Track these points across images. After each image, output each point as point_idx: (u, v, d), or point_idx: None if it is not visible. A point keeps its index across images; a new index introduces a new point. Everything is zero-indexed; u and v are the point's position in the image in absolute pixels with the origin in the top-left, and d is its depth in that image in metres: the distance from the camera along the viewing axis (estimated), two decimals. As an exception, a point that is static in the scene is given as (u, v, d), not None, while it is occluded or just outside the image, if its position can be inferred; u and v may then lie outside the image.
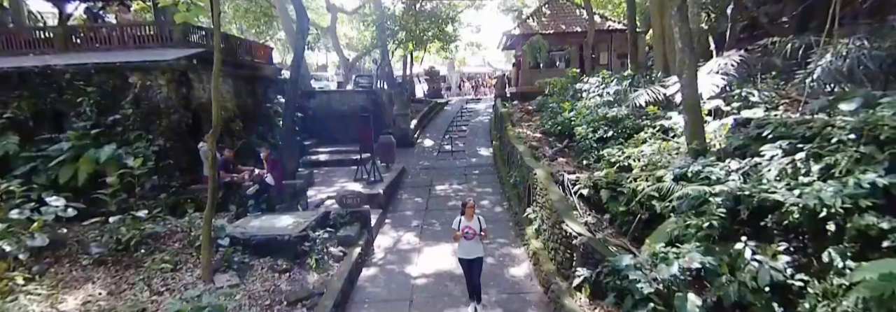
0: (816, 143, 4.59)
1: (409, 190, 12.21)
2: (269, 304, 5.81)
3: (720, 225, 5.13)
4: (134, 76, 8.23)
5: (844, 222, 4.06)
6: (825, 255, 4.12)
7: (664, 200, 6.26)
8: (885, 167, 3.87)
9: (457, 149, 16.61)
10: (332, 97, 17.08)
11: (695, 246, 5.07)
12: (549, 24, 22.22)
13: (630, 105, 9.24)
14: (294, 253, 6.86)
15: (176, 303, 4.64)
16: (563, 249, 6.49)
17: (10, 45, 9.67)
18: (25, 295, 5.15)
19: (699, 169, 5.52)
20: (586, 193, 7.60)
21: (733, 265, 4.90)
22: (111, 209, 6.76)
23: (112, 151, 7.63)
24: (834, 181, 4.11)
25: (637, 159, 7.71)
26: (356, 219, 8.24)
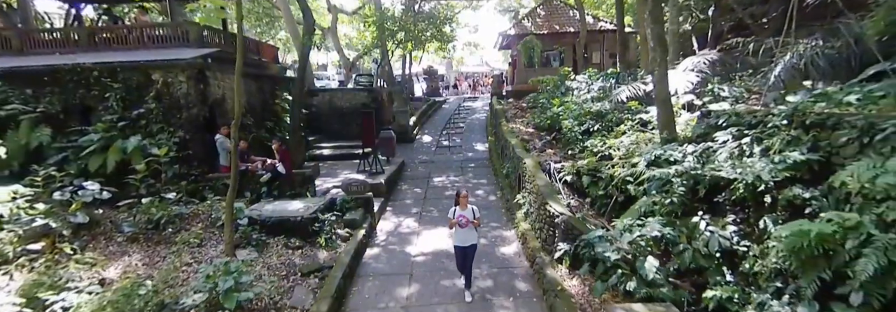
0: (759, 129, 5.35)
1: (408, 181, 12.96)
2: (285, 275, 6.55)
3: (680, 201, 5.89)
4: (156, 73, 8.97)
5: (777, 194, 4.81)
6: (761, 223, 4.88)
7: (637, 184, 7.04)
8: (809, 146, 4.61)
9: (454, 144, 17.36)
10: (335, 95, 17.80)
11: (658, 219, 5.84)
12: (543, 25, 22.97)
13: (613, 100, 9.99)
14: (305, 232, 7.60)
15: (207, 268, 5.37)
16: (547, 228, 7.24)
17: (37, 45, 10.39)
18: (74, 264, 5.88)
19: (661, 152, 6.27)
20: (570, 179, 8.37)
21: (691, 235, 5.67)
22: (141, 192, 7.49)
23: (137, 142, 8.36)
24: (768, 160, 4.86)
25: (617, 149, 8.45)
26: (360, 205, 8.99)
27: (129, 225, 7.12)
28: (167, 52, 9.75)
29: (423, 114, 21.88)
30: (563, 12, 23.67)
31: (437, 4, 26.58)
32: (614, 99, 9.90)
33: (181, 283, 5.77)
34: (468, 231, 6.19)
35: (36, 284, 5.09)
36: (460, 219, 6.11)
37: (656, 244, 5.70)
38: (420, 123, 20.51)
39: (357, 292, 6.69)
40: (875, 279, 3.48)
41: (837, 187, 4.12)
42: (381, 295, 6.56)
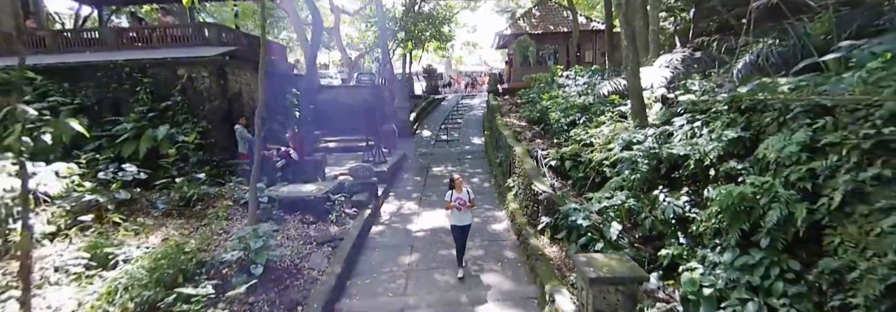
0: (707, 115, 6.30)
1: (409, 170, 13.91)
2: (302, 243, 7.49)
3: (644, 178, 6.86)
4: (181, 69, 9.92)
5: (718, 168, 5.76)
6: (706, 192, 5.82)
7: (611, 166, 8.00)
8: (742, 126, 5.56)
9: (452, 138, 18.30)
10: (339, 92, 18.72)
11: (625, 193, 6.79)
12: (538, 25, 23.95)
13: (595, 94, 10.94)
14: (318, 210, 8.55)
15: (240, 232, 6.31)
16: (532, 205, 8.19)
17: (69, 44, 11.33)
18: (122, 232, 6.81)
19: (627, 136, 7.22)
20: (554, 164, 9.33)
21: (652, 206, 6.62)
22: (173, 174, 8.44)
23: (166, 131, 9.30)
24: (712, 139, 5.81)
25: (597, 137, 9.41)
26: (366, 188, 9.93)
27: (163, 203, 8.06)
28: (189, 50, 10.70)
29: (422, 111, 22.81)
30: (557, 13, 24.64)
31: (437, 5, 27.55)
32: (597, 93, 10.85)
33: (214, 248, 6.70)
34: (464, 212, 6.71)
35: (96, 244, 6.03)
36: (458, 202, 6.63)
37: (622, 212, 6.66)
38: (420, 119, 21.45)
39: (365, 260, 7.64)
40: (778, 226, 4.42)
41: (761, 158, 5.06)
42: (386, 262, 7.51)
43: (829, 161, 4.21)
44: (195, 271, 5.62)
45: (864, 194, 3.87)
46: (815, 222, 4.26)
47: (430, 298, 6.29)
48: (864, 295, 3.58)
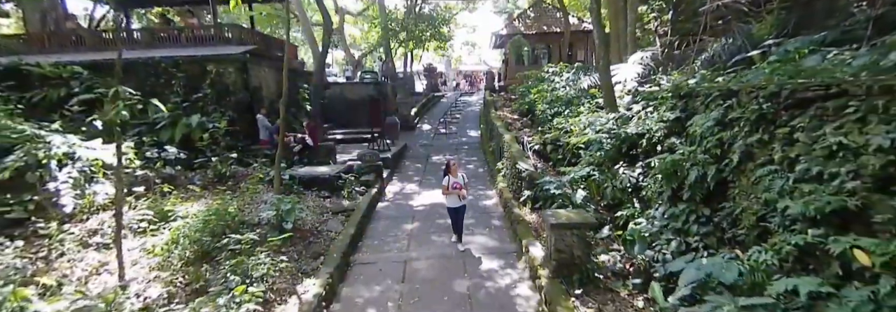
0: (657, 101, 7.61)
1: (410, 159, 15.24)
2: (320, 213, 8.82)
3: (608, 156, 8.16)
4: (210, 65, 11.25)
5: (663, 143, 7.06)
6: (652, 163, 7.13)
7: (585, 148, 9.31)
8: (681, 109, 6.86)
9: (450, 131, 19.64)
10: (345, 88, 20.05)
11: (591, 167, 8.11)
12: (532, 26, 25.28)
13: (577, 88, 12.25)
14: (332, 187, 9.88)
15: (271, 199, 7.64)
16: (516, 182, 9.52)
17: (105, 43, 12.67)
18: (171, 200, 8.14)
19: (593, 120, 8.53)
20: (538, 148, 10.65)
21: (613, 178, 7.93)
22: (208, 155, 9.77)
23: (198, 119, 10.62)
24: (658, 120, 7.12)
25: (575, 125, 10.71)
26: (373, 170, 11.26)
27: (200, 179, 9.39)
28: (215, 48, 12.03)
29: (423, 107, 24.14)
30: (550, 14, 25.97)
31: (437, 6, 28.89)
32: (578, 87, 12.16)
33: (249, 212, 8.02)
34: (461, 194, 7.40)
35: (156, 206, 7.35)
36: (454, 185, 7.34)
37: (591, 185, 7.98)
38: (420, 114, 22.78)
39: (373, 227, 8.97)
40: (696, 182, 5.73)
41: (690, 133, 6.37)
42: (392, 228, 8.84)
43: (732, 131, 5.52)
44: (237, 226, 6.93)
45: (752, 154, 5.17)
46: (722, 179, 5.56)
47: (427, 253, 7.61)
48: (744, 226, 4.90)
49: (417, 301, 6.05)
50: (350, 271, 7.04)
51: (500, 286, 6.42)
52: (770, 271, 4.12)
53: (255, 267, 5.57)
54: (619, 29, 14.23)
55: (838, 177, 3.92)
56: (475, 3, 33.72)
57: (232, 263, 5.57)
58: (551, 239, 6.03)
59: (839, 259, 3.66)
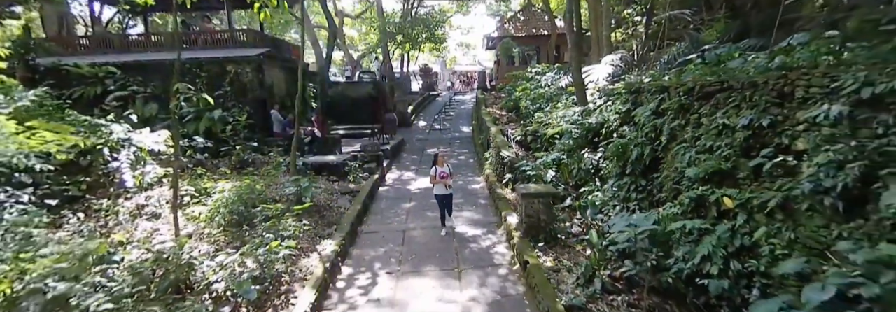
0: (614, 96, 9.09)
1: (407, 151, 16.67)
2: (331, 193, 10.24)
3: (576, 143, 9.63)
4: (230, 66, 12.64)
5: (618, 131, 8.53)
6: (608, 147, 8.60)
7: (559, 137, 10.78)
8: (632, 103, 8.33)
9: (444, 127, 21.09)
10: (346, 87, 21.46)
11: (562, 153, 9.58)
12: (522, 28, 26.78)
13: (556, 87, 13.73)
14: (339, 172, 11.30)
15: (289, 180, 9.04)
16: (500, 167, 10.97)
17: (131, 45, 14.03)
18: (203, 180, 9.53)
19: (565, 113, 10.01)
20: (519, 139, 12.12)
21: (579, 161, 9.40)
22: (230, 144, 11.16)
23: (219, 114, 12.02)
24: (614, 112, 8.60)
25: (552, 118, 12.19)
26: (375, 159, 12.68)
27: (224, 166, 10.79)
28: (233, 50, 13.42)
29: (418, 105, 25.58)
30: (539, 18, 27.47)
31: (431, 10, 30.31)
32: (557, 85, 13.64)
33: (271, 190, 9.42)
34: (447, 182, 8.11)
35: (194, 183, 8.75)
36: (440, 175, 8.06)
37: (563, 169, 9.44)
38: (416, 112, 24.22)
39: (376, 205, 10.40)
40: (636, 160, 7.19)
41: (636, 122, 7.84)
42: (392, 206, 10.28)
43: (663, 118, 6.99)
44: (264, 200, 8.33)
45: (675, 135, 6.64)
46: (655, 156, 7.03)
47: (422, 225, 9.05)
48: (665, 190, 6.37)
49: (414, 257, 7.49)
50: (358, 237, 8.48)
51: (481, 246, 7.88)
52: (675, 218, 5.58)
53: (285, 228, 6.98)
54: (599, 33, 15.73)
55: (721, 148, 5.40)
56: (469, 6, 35.16)
57: (266, 225, 6.99)
58: (522, 207, 7.49)
59: (715, 205, 5.14)
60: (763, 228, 4.41)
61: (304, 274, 6.56)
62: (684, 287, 5.08)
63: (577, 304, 5.28)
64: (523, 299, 6.03)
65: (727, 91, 5.69)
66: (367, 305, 6.07)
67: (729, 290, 4.39)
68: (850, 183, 3.62)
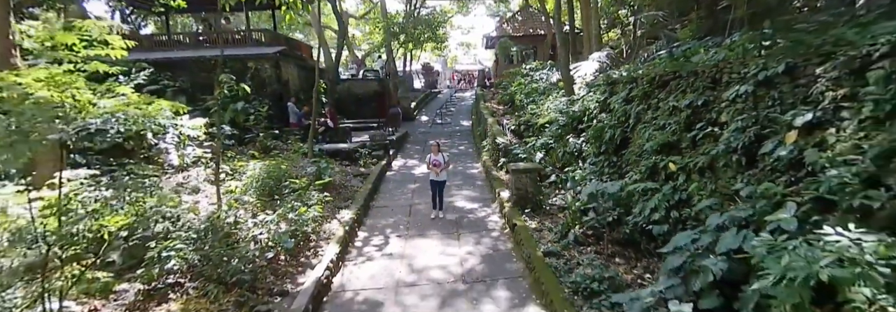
0: (594, 88, 10.33)
1: (411, 142, 17.93)
2: (344, 174, 11.50)
3: (563, 130, 10.87)
4: (251, 62, 13.90)
5: (596, 118, 9.76)
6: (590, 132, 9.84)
7: (549, 125, 12.01)
8: (608, 93, 9.56)
9: (445, 122, 22.34)
10: (353, 84, 22.72)
11: (551, 138, 10.82)
12: (520, 28, 28.01)
13: (548, 82, 14.98)
14: (351, 158, 12.57)
15: (308, 162, 10.29)
16: (495, 153, 12.21)
17: (157, 45, 15.30)
18: (235, 162, 10.80)
19: (552, 104, 11.26)
20: (514, 128, 13.36)
21: (565, 145, 10.64)
22: (253, 132, 12.42)
23: (242, 105, 13.28)
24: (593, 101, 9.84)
25: (544, 110, 13.43)
26: (382, 147, 13.93)
27: (250, 150, 12.05)
28: (251, 48, 14.68)
29: (421, 102, 26.84)
30: (536, 18, 28.70)
31: (433, 11, 31.54)
32: (548, 80, 14.89)
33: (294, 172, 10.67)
34: (441, 169, 8.84)
35: (227, 163, 10.01)
36: (435, 162, 8.85)
37: (552, 154, 10.66)
38: (419, 107, 25.47)
39: (384, 186, 11.66)
40: (609, 140, 8.42)
41: (611, 109, 9.08)
42: (399, 187, 11.53)
43: (631, 104, 8.22)
44: (290, 177, 9.59)
45: (640, 118, 7.87)
46: (625, 136, 8.26)
47: (426, 201, 10.25)
48: (629, 163, 7.61)
49: (419, 225, 8.75)
50: (370, 210, 9.75)
51: (478, 216, 9.14)
52: (635, 183, 6.82)
53: (309, 198, 8.24)
54: (590, 32, 16.96)
55: (670, 125, 6.63)
56: (469, 6, 36.41)
57: (294, 195, 8.24)
58: (512, 181, 8.74)
59: (664, 170, 6.38)
60: (695, 184, 5.65)
61: (328, 235, 7.82)
62: (639, 236, 6.33)
63: (553, 251, 6.53)
64: (511, 252, 7.29)
65: (678, 79, 6.94)
66: (382, 257, 7.33)
67: (668, 233, 5.62)
68: (747, 143, 4.86)
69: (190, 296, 5.51)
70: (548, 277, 5.75)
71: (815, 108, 4.14)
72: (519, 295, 5.89)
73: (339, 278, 6.67)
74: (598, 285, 5.27)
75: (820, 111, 4.11)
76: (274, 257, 6.66)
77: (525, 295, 5.88)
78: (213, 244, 6.33)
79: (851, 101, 3.85)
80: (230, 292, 5.69)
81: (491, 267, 6.79)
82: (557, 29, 12.65)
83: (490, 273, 6.60)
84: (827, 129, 4.02)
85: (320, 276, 6.18)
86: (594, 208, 7.00)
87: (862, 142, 3.61)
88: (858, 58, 3.90)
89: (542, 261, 6.22)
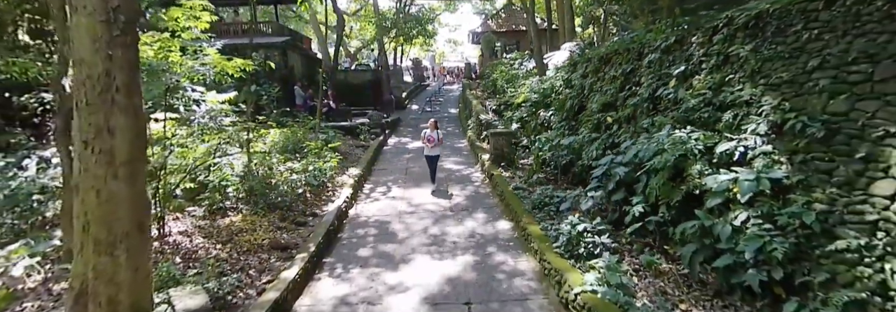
0: (561, 69, 12.27)
1: (403, 125, 19.75)
2: (348, 145, 13.29)
3: (535, 106, 12.80)
4: (261, 50, 15.57)
5: (561, 93, 11.70)
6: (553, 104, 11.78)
7: (523, 104, 13.93)
8: (571, 71, 11.49)
9: (434, 109, 24.19)
10: (349, 74, 24.43)
11: (524, 113, 12.75)
12: (504, 24, 29.97)
13: (526, 69, 16.92)
14: (353, 133, 14.37)
15: (318, 134, 12.07)
16: (478, 128, 14.10)
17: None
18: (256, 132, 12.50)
19: (531, 84, 13.20)
20: (495, 108, 15.27)
21: (536, 118, 12.55)
22: (265, 111, 14.14)
23: (254, 87, 14.97)
24: (558, 79, 11.79)
25: (520, 91, 15.34)
26: (379, 126, 15.74)
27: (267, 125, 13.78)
28: (259, 38, 16.35)
29: (411, 93, 28.63)
30: (519, 15, 30.63)
31: (422, 8, 33.36)
32: (526, 68, 16.84)
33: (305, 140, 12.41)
34: (434, 146, 9.69)
35: (249, 133, 11.73)
36: (430, 138, 9.68)
37: (526, 126, 12.59)
38: (410, 97, 27.26)
39: (383, 156, 13.48)
40: (570, 108, 10.35)
41: (572, 84, 11.02)
42: (395, 156, 13.38)
43: (587, 78, 10.17)
44: (304, 143, 11.35)
45: (592, 89, 9.80)
46: (582, 104, 10.19)
47: (419, 164, 12.10)
48: (582, 123, 9.55)
49: (415, 180, 10.61)
50: (373, 171, 11.59)
51: (463, 174, 11.04)
52: (585, 136, 8.74)
53: (324, 156, 10.03)
54: (564, 26, 18.98)
55: (610, 90, 8.57)
56: (455, 4, 38.29)
57: (313, 153, 10.03)
58: (491, 143, 10.64)
59: (604, 123, 8.31)
60: (622, 129, 7.59)
61: (341, 184, 9.63)
62: (585, 175, 8.25)
63: (521, 186, 8.44)
64: (489, 193, 9.20)
65: (617, 55, 8.90)
66: (386, 198, 9.18)
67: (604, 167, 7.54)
68: (652, 93, 6.80)
69: (244, 214, 7.28)
70: (514, 201, 7.65)
71: (688, 63, 6.10)
72: (493, 216, 7.78)
73: (353, 210, 8.51)
74: (548, 200, 7.19)
75: (691, 65, 6.06)
76: (302, 193, 8.46)
77: (497, 216, 7.78)
78: (253, 183, 8.11)
79: (706, 57, 5.80)
80: (273, 213, 7.47)
81: (472, 202, 8.68)
82: (531, 22, 14.59)
83: (472, 205, 8.49)
84: (694, 76, 5.97)
85: (340, 206, 8.01)
86: (553, 156, 8.93)
87: (707, 81, 5.56)
88: (711, 28, 5.86)
89: (512, 193, 8.13)
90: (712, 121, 5.23)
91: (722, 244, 4.05)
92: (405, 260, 6.09)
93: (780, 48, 4.66)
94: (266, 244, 6.20)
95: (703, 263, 4.28)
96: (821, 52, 4.14)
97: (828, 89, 3.94)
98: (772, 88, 4.58)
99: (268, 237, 6.43)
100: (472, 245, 6.54)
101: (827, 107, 3.91)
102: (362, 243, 6.83)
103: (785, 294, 3.61)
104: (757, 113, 4.59)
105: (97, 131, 3.58)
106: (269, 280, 5.23)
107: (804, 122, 3.95)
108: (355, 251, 6.52)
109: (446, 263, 5.93)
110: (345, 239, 7.02)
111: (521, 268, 5.68)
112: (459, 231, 7.14)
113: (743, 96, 4.84)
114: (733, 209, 4.21)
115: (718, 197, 4.31)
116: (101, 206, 3.62)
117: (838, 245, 3.26)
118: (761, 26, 5.04)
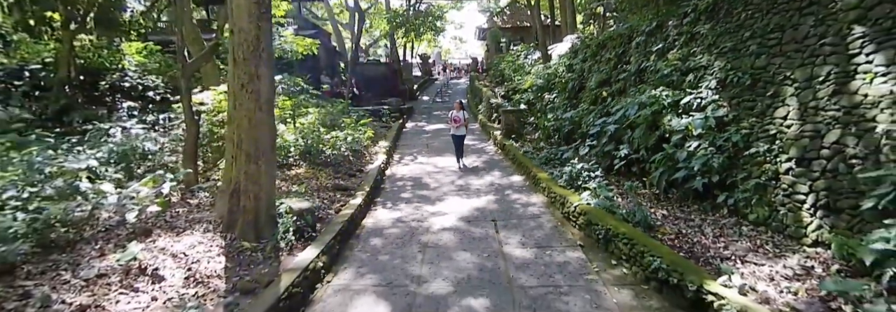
0: (563, 56, 13.85)
1: (417, 113, 21.36)
2: (373, 126, 14.90)
3: (541, 90, 14.38)
4: (291, 42, 17.19)
5: (563, 77, 13.27)
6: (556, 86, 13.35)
7: (529, 90, 15.51)
8: (572, 57, 13.05)
9: (444, 100, 25.78)
10: (365, 67, 26.03)
11: (530, 96, 14.35)
12: (508, 21, 31.51)
13: (531, 59, 18.50)
14: (376, 115, 15.97)
15: (347, 115, 13.69)
16: (489, 111, 15.69)
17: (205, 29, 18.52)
18: (290, 114, 14.11)
19: (537, 70, 14.77)
20: (503, 94, 16.85)
21: (541, 100, 14.13)
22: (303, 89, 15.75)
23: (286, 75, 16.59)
24: (561, 65, 13.37)
25: (526, 79, 16.91)
26: (398, 111, 17.34)
27: (296, 109, 15.41)
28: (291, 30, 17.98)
29: (421, 85, 30.23)
30: (523, 11, 32.18)
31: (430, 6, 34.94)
32: (531, 59, 18.42)
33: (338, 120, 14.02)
34: (459, 125, 10.30)
35: (289, 113, 13.36)
36: (455, 118, 10.52)
37: (530, 107, 14.17)
38: (420, 90, 28.87)
39: (404, 135, 15.10)
40: (571, 89, 11.93)
41: (573, 69, 12.59)
42: (416, 136, 14.98)
43: (586, 62, 11.73)
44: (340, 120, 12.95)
45: (591, 71, 11.36)
46: (581, 85, 11.75)
47: (438, 140, 13.74)
48: (583, 101, 11.13)
49: (436, 151, 12.20)
50: (398, 146, 13.19)
51: (478, 147, 12.64)
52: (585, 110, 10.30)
53: (359, 129, 11.63)
54: (567, 21, 20.53)
55: (605, 69, 10.14)
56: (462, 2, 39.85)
57: (350, 126, 11.63)
58: (502, 120, 12.22)
59: (600, 97, 9.88)
60: (614, 101, 9.17)
61: (375, 152, 11.25)
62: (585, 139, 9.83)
63: (529, 150, 10.03)
64: (502, 159, 10.80)
65: (612, 41, 10.47)
66: (414, 164, 10.79)
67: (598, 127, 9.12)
68: (639, 67, 8.37)
69: (305, 168, 8.89)
70: (525, 160, 9.25)
71: (665, 42, 7.67)
72: (507, 173, 9.38)
73: (389, 171, 10.12)
74: (553, 156, 8.79)
75: (667, 43, 7.64)
76: (347, 156, 10.07)
77: (511, 173, 9.38)
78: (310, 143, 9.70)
79: (678, 36, 7.38)
80: (327, 168, 9.08)
81: (489, 164, 10.30)
82: (536, 18, 16.18)
83: (488, 167, 10.10)
84: (669, 52, 7.54)
85: (379, 166, 9.62)
86: (557, 126, 10.52)
87: (678, 54, 7.13)
88: (683, 13, 7.43)
89: (522, 155, 9.72)
90: (680, 83, 6.81)
91: (680, 164, 5.63)
92: (440, 198, 7.69)
93: (728, 25, 6.24)
94: (330, 186, 7.82)
95: (668, 181, 5.87)
96: (752, 26, 5.72)
97: (754, 52, 5.52)
98: (721, 55, 6.16)
99: (329, 182, 8.04)
100: (492, 189, 8.14)
101: (754, 65, 5.48)
102: (403, 190, 8.44)
103: (720, 192, 5.20)
104: (709, 73, 6.17)
105: (250, 77, 5.23)
106: (339, 206, 6.83)
107: (739, 77, 5.53)
108: (399, 194, 8.12)
109: (473, 200, 7.52)
110: (388, 189, 8.63)
111: (532, 201, 7.27)
112: (481, 182, 8.74)
113: (701, 62, 6.43)
114: (689, 140, 5.79)
115: (679, 134, 5.90)
116: (252, 129, 5.28)
117: (751, 151, 4.85)
118: (716, 10, 6.62)
